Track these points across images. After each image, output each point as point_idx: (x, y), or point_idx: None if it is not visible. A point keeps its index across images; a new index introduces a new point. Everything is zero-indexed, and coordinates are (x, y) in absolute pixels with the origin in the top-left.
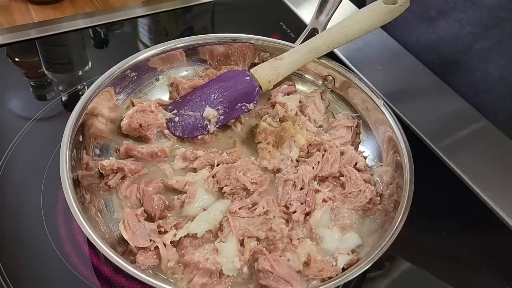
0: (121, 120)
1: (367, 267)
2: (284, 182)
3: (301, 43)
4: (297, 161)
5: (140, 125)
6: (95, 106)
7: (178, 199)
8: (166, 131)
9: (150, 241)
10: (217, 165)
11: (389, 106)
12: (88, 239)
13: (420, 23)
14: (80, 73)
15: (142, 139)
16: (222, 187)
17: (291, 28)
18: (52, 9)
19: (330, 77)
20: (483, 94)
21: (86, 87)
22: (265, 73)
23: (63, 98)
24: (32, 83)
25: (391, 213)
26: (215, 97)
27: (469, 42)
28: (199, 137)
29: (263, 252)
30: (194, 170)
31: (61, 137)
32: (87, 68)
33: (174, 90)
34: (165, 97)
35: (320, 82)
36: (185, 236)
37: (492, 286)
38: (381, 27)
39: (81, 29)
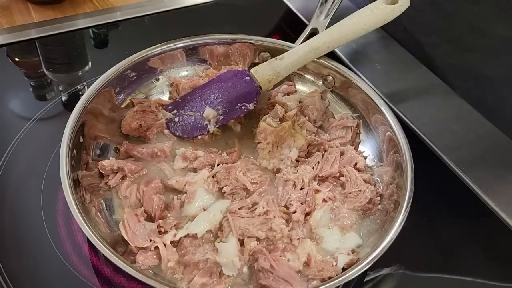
0: (121, 120)
1: (367, 267)
2: (284, 182)
3: (301, 43)
4: (297, 161)
5: (140, 125)
6: (95, 106)
7: (178, 199)
8: (166, 131)
9: (150, 241)
10: (217, 165)
11: (389, 106)
12: (88, 239)
13: (420, 46)
14: (80, 73)
15: (142, 139)
16: (222, 187)
17: (291, 28)
18: (52, 9)
19: (330, 77)
20: (497, 114)
21: (86, 87)
22: (265, 73)
23: (63, 98)
24: (32, 83)
25: (391, 213)
26: (215, 97)
27: (480, 68)
28: (199, 137)
29: (263, 252)
30: (194, 170)
31: (61, 137)
32: (87, 68)
33: (174, 90)
34: (165, 97)
35: (320, 82)
36: (185, 236)
37: (492, 286)
38: (382, 27)
39: (81, 29)
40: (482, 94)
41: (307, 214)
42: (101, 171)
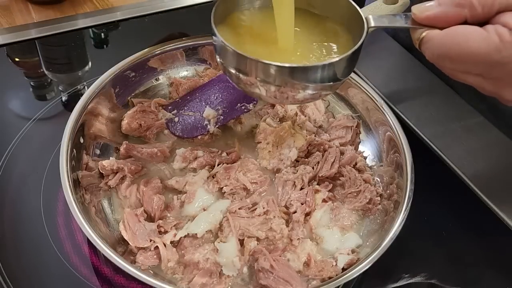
0: (121, 120)
1: (367, 267)
2: (284, 182)
3: None
4: (297, 161)
5: (140, 125)
6: (95, 106)
7: (178, 199)
8: (166, 131)
9: (150, 241)
10: (217, 165)
11: (389, 106)
12: (88, 239)
13: None
14: (80, 73)
15: (142, 139)
16: (222, 187)
17: None
18: (52, 9)
19: None
20: None
21: (86, 87)
22: None
23: (63, 98)
24: (32, 83)
25: (391, 213)
26: (215, 97)
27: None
28: (199, 137)
29: (263, 252)
30: (194, 170)
31: (61, 137)
32: (87, 68)
33: (174, 90)
34: (165, 97)
35: None
36: (185, 236)
37: (492, 286)
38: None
39: (81, 29)
40: (495, 119)
41: (307, 214)
42: (101, 171)
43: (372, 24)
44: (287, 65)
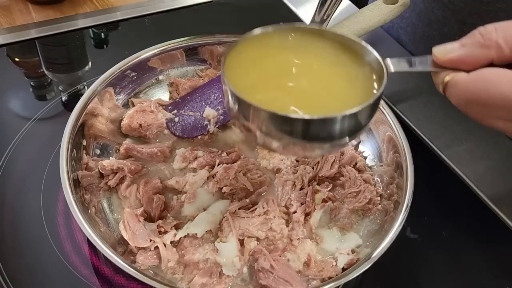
0: (121, 120)
1: (367, 267)
2: (284, 182)
3: None
4: (297, 161)
5: (140, 125)
6: (95, 106)
7: (178, 199)
8: (166, 131)
9: (150, 241)
10: (217, 165)
11: (389, 106)
12: (88, 239)
13: None
14: (80, 73)
15: (142, 139)
16: (222, 187)
17: None
18: (52, 9)
19: None
20: None
21: (86, 87)
22: None
23: (63, 98)
24: (32, 83)
25: (391, 213)
26: (215, 97)
27: None
28: (199, 137)
29: (263, 252)
30: (194, 170)
31: (61, 137)
32: (87, 68)
33: (174, 90)
34: (165, 97)
35: None
36: (185, 236)
37: (492, 286)
38: (382, 27)
39: (81, 29)
40: None
41: (307, 214)
42: (101, 171)
43: (392, 70)
44: (300, 117)
